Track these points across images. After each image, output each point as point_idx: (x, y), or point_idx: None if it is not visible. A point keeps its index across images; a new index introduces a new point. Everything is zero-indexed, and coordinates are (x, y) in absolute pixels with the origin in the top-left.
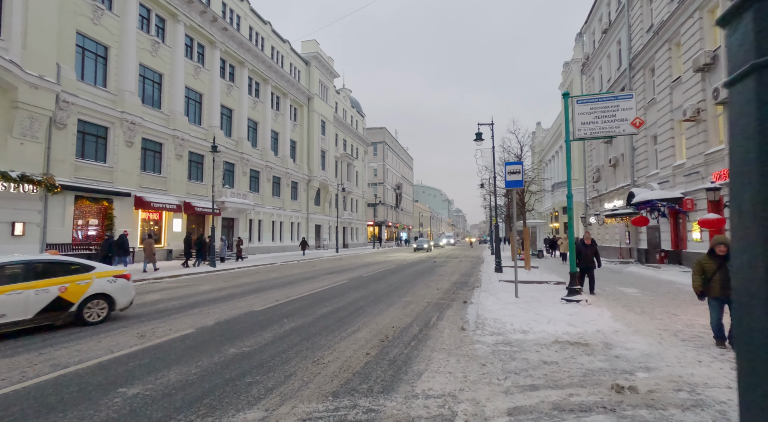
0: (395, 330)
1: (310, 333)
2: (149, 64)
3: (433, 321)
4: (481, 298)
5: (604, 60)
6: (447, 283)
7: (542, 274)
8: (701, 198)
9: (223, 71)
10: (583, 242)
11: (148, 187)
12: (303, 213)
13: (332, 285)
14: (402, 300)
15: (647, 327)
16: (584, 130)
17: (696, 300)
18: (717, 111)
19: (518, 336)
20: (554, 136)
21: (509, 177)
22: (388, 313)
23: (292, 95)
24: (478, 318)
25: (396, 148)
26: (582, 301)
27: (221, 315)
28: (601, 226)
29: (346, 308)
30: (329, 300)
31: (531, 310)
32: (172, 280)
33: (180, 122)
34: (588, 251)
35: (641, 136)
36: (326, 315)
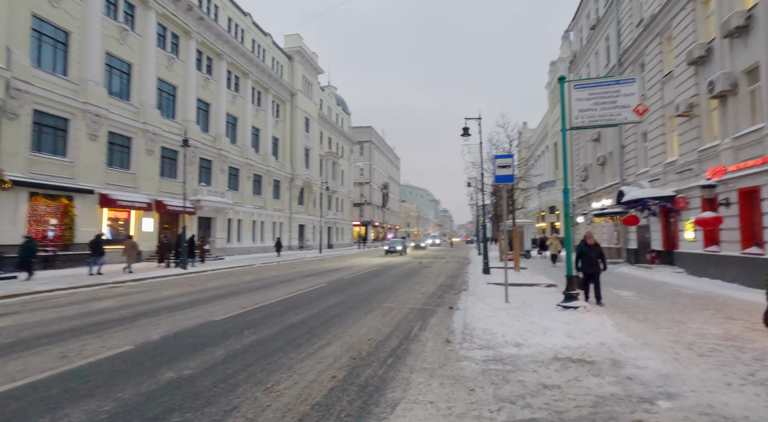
0: (371, 343)
1: (270, 350)
2: (117, 52)
3: (415, 331)
4: (469, 304)
5: (591, 57)
6: (432, 286)
7: (532, 276)
8: (694, 196)
9: (200, 63)
10: (586, 243)
11: (115, 183)
12: (286, 213)
13: (309, 289)
14: (382, 306)
15: (655, 338)
16: (582, 118)
17: (699, 305)
18: (711, 105)
19: (511, 350)
20: (541, 135)
21: (499, 171)
22: (366, 322)
23: (274, 90)
24: (465, 328)
25: (383, 148)
26: (580, 308)
27: (173, 326)
28: (588, 226)
29: (319, 316)
30: (302, 307)
31: (524, 318)
32: (135, 284)
33: (151, 115)
34: (592, 253)
35: (630, 134)
36: (295, 325)
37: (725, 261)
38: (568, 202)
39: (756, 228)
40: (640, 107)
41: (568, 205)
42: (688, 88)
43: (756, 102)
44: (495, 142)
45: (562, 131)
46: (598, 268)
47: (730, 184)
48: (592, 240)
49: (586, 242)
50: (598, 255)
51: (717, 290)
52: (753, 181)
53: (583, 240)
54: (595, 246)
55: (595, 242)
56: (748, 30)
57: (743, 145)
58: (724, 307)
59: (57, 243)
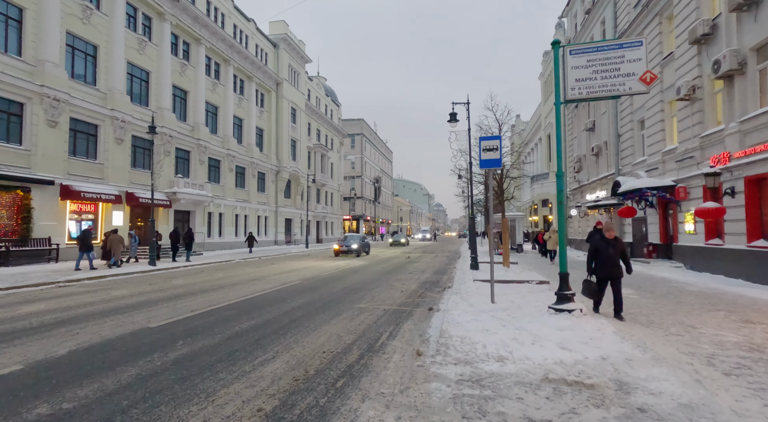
0: (325, 357)
1: (197, 368)
2: (79, 33)
3: (383, 340)
4: (450, 304)
5: None
6: (415, 283)
7: (522, 272)
8: (695, 185)
9: (176, 48)
10: (602, 236)
11: (79, 174)
12: (271, 207)
13: (279, 287)
14: (354, 307)
15: (667, 349)
16: (579, 89)
17: (707, 304)
18: (715, 87)
19: (493, 366)
20: (534, 127)
21: (485, 155)
22: (328, 329)
23: (258, 79)
24: (441, 336)
25: (375, 141)
26: (576, 311)
27: (94, 336)
28: (582, 218)
29: (276, 321)
30: (261, 310)
31: (510, 323)
32: (91, 282)
33: (120, 101)
34: (611, 250)
35: (627, 121)
36: (243, 332)
37: (729, 255)
38: (563, 189)
39: (765, 219)
40: (647, 75)
41: (563, 191)
42: (690, 69)
43: (766, 82)
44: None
45: (555, 105)
46: (619, 271)
47: (735, 171)
48: (612, 232)
49: (602, 235)
50: (619, 253)
51: (722, 286)
52: (762, 168)
53: (596, 232)
54: (616, 242)
55: (616, 236)
56: (758, 2)
57: (751, 128)
58: (735, 307)
59: (11, 239)
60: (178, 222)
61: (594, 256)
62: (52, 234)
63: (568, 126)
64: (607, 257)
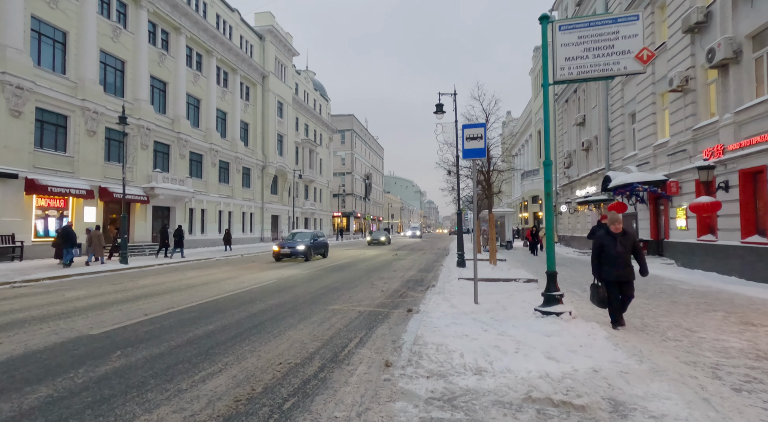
0: (280, 370)
1: (124, 386)
2: (46, 17)
3: (351, 347)
4: (431, 305)
5: None
6: (398, 282)
7: (509, 270)
8: (688, 179)
9: (153, 37)
10: (607, 230)
11: (46, 167)
12: (257, 203)
13: (251, 287)
14: (327, 308)
15: (665, 357)
16: (569, 68)
17: (702, 304)
18: (709, 77)
19: (469, 380)
20: (524, 123)
21: (468, 144)
22: (292, 334)
23: (242, 71)
24: (415, 343)
25: (365, 137)
26: (564, 314)
27: (19, 346)
28: (572, 215)
29: (237, 325)
30: (224, 313)
31: (493, 326)
32: (50, 282)
33: (92, 91)
34: (619, 247)
35: (618, 115)
36: (195, 340)
37: (722, 251)
38: (550, 179)
39: (760, 213)
40: (644, 52)
41: (551, 182)
42: (683, 59)
43: (762, 70)
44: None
45: (543, 86)
46: (629, 272)
47: (730, 164)
48: (619, 225)
49: (607, 229)
50: (630, 250)
51: (716, 284)
52: (758, 161)
53: (600, 227)
54: (626, 237)
55: (624, 230)
56: None
57: (747, 119)
58: (733, 307)
59: None
60: (157, 218)
61: (599, 255)
62: (17, 231)
63: (558, 121)
64: (615, 255)
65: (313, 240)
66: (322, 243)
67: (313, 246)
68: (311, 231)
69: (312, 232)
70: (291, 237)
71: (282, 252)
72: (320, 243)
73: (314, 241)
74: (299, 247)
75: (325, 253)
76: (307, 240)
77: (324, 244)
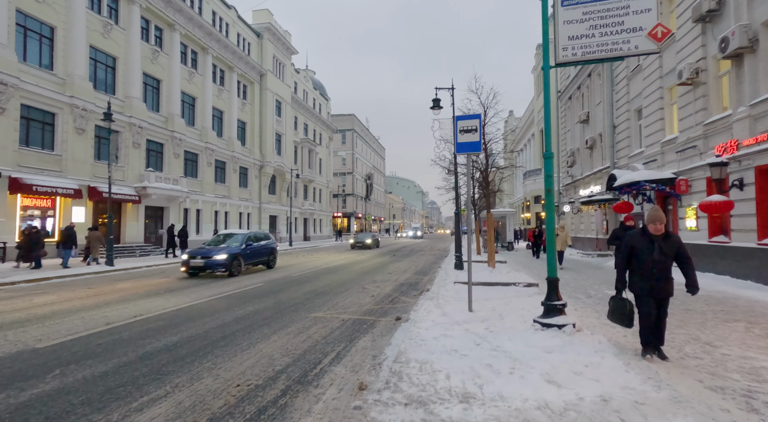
0: (235, 394)
1: (44, 416)
2: (32, 12)
3: (325, 364)
4: (421, 313)
5: None
6: (391, 285)
7: (508, 273)
8: (698, 177)
9: (146, 33)
10: (643, 231)
11: (32, 166)
12: (254, 203)
13: (234, 291)
14: (309, 316)
15: (687, 381)
16: (573, 49)
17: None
18: (721, 69)
19: (453, 410)
20: (526, 123)
21: (462, 137)
22: (263, 347)
23: (239, 69)
24: (397, 360)
25: (366, 137)
26: (567, 326)
27: None
28: (575, 215)
29: (205, 337)
30: (195, 321)
31: (486, 340)
32: (27, 285)
33: (80, 88)
34: (657, 253)
35: (623, 111)
36: (150, 355)
37: (736, 253)
38: (551, 174)
39: None
40: (658, 29)
41: (551, 177)
42: (693, 50)
43: None
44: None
45: (543, 69)
46: (670, 287)
47: (744, 161)
48: (661, 226)
49: (644, 230)
50: (672, 258)
51: (731, 289)
52: None
53: (625, 229)
54: (668, 241)
55: (667, 231)
56: None
57: (763, 113)
58: (754, 316)
59: None
60: (150, 218)
61: (628, 261)
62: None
63: (561, 119)
64: (653, 264)
65: (247, 245)
66: (264, 249)
67: (247, 254)
68: (247, 231)
69: (247, 234)
70: (215, 240)
71: (192, 264)
72: (260, 249)
73: (248, 247)
74: (218, 257)
75: (270, 262)
76: (236, 245)
77: (268, 250)
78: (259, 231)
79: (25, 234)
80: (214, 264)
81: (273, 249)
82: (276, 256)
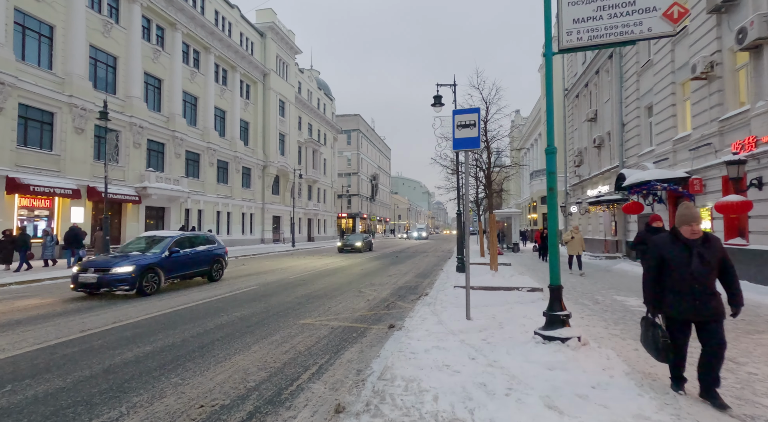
0: (198, 415)
1: None
2: (31, 10)
3: (303, 380)
4: (415, 321)
5: None
6: (389, 289)
7: (512, 276)
8: (713, 176)
9: (147, 32)
10: (676, 234)
11: (30, 166)
12: (257, 203)
13: (224, 295)
14: (297, 323)
15: (710, 410)
16: (578, 32)
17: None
18: (738, 62)
19: None
20: (533, 123)
21: (460, 132)
22: (239, 359)
23: (242, 69)
24: (381, 377)
25: (372, 137)
26: (571, 340)
27: None
28: (583, 216)
29: (181, 346)
30: (174, 328)
31: (483, 353)
32: (17, 287)
33: (80, 88)
34: (696, 262)
35: (633, 108)
36: (118, 367)
37: (755, 257)
38: (554, 170)
39: None
40: (674, 8)
41: (554, 174)
42: (707, 43)
43: None
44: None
45: (545, 55)
46: (717, 306)
47: (763, 158)
48: (698, 227)
49: (676, 234)
50: (717, 268)
51: (751, 295)
52: None
53: (652, 231)
54: (709, 246)
55: (706, 235)
56: None
57: None
58: None
59: None
60: (150, 219)
61: (659, 274)
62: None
63: (568, 118)
64: (692, 278)
65: (171, 252)
66: (202, 257)
67: (172, 263)
68: (176, 234)
69: (174, 237)
70: (135, 245)
71: (82, 281)
72: (194, 257)
73: (172, 255)
74: (119, 270)
75: (213, 273)
76: (155, 253)
77: (209, 258)
78: (199, 233)
79: (5, 234)
80: (112, 281)
81: (217, 256)
82: (224, 265)
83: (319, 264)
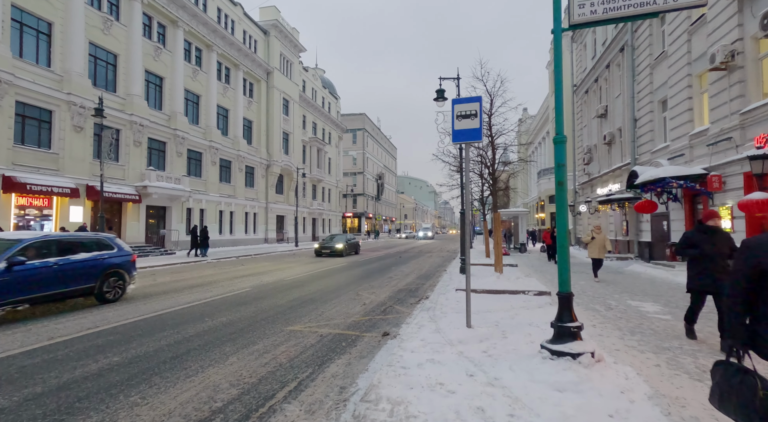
0: None
1: None
2: (28, 7)
3: (278, 399)
4: (411, 328)
5: None
6: (388, 291)
7: (518, 279)
8: (734, 173)
9: (149, 29)
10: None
11: (27, 164)
12: (261, 203)
13: (215, 297)
14: (285, 329)
15: None
16: (591, 5)
17: None
18: (761, 50)
19: None
20: (541, 120)
21: (459, 123)
22: (213, 372)
23: (245, 67)
24: (365, 398)
25: (377, 136)
26: (583, 356)
27: None
28: (592, 215)
29: (152, 357)
30: (151, 336)
31: (482, 369)
32: None
33: (79, 85)
34: None
35: (645, 103)
36: (76, 382)
37: None
38: (564, 162)
39: None
40: None
41: (563, 167)
42: (728, 31)
43: None
44: None
45: (554, 31)
46: None
47: None
48: None
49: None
50: None
51: None
52: None
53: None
54: None
55: None
56: None
57: None
58: None
59: None
60: (151, 218)
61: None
62: None
63: (577, 115)
64: None
65: (12, 263)
66: (84, 268)
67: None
68: (31, 236)
69: (28, 241)
70: None
71: None
72: (69, 269)
73: (21, 267)
74: None
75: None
76: None
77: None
78: (85, 234)
79: None
80: None
81: (112, 267)
82: (127, 279)
83: (319, 265)
